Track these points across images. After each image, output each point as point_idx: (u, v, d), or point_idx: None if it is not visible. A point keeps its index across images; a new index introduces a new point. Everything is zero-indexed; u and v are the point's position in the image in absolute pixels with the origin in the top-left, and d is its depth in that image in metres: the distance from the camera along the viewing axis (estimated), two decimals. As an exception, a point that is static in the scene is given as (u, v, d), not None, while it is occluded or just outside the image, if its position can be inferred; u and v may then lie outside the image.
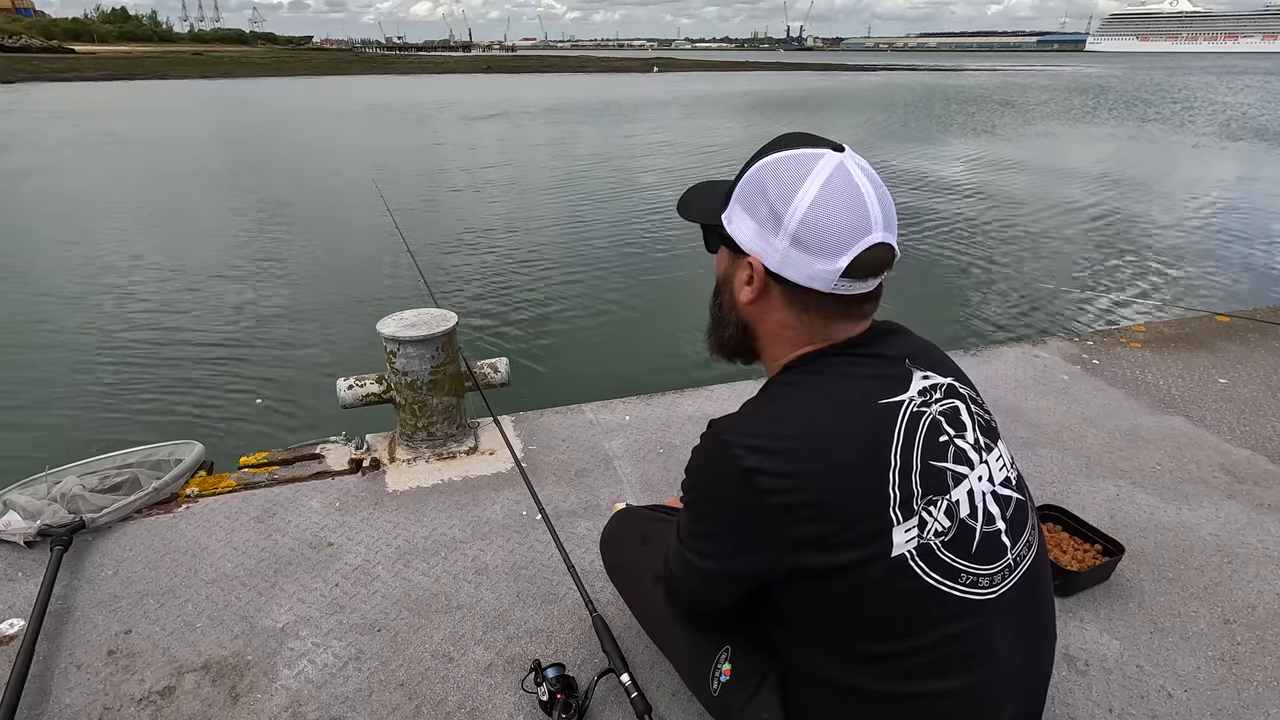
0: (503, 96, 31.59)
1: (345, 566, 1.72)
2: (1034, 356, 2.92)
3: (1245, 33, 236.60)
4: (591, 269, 6.76)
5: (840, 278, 0.86)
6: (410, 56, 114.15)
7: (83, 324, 5.34)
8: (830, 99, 30.78)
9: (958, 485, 0.88)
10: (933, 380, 0.93)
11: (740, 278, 0.95)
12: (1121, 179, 11.54)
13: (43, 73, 45.71)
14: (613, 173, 12.24)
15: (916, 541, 0.84)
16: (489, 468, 2.12)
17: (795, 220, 0.86)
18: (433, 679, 1.42)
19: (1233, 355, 2.94)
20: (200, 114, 24.83)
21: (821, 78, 50.89)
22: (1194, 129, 19.11)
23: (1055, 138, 17.35)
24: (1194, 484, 2.07)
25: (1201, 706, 1.37)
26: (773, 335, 0.97)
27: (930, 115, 22.86)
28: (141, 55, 79.11)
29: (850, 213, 0.85)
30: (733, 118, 22.46)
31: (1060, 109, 25.56)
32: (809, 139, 0.90)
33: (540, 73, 57.16)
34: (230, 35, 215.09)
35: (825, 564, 0.85)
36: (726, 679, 1.09)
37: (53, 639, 1.50)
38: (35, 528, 1.72)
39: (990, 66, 77.99)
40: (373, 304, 5.68)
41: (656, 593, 1.21)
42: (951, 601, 0.86)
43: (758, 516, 0.87)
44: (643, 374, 4.57)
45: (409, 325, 2.04)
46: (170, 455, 2.06)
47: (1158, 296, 6.10)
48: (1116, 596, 1.63)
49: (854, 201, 0.85)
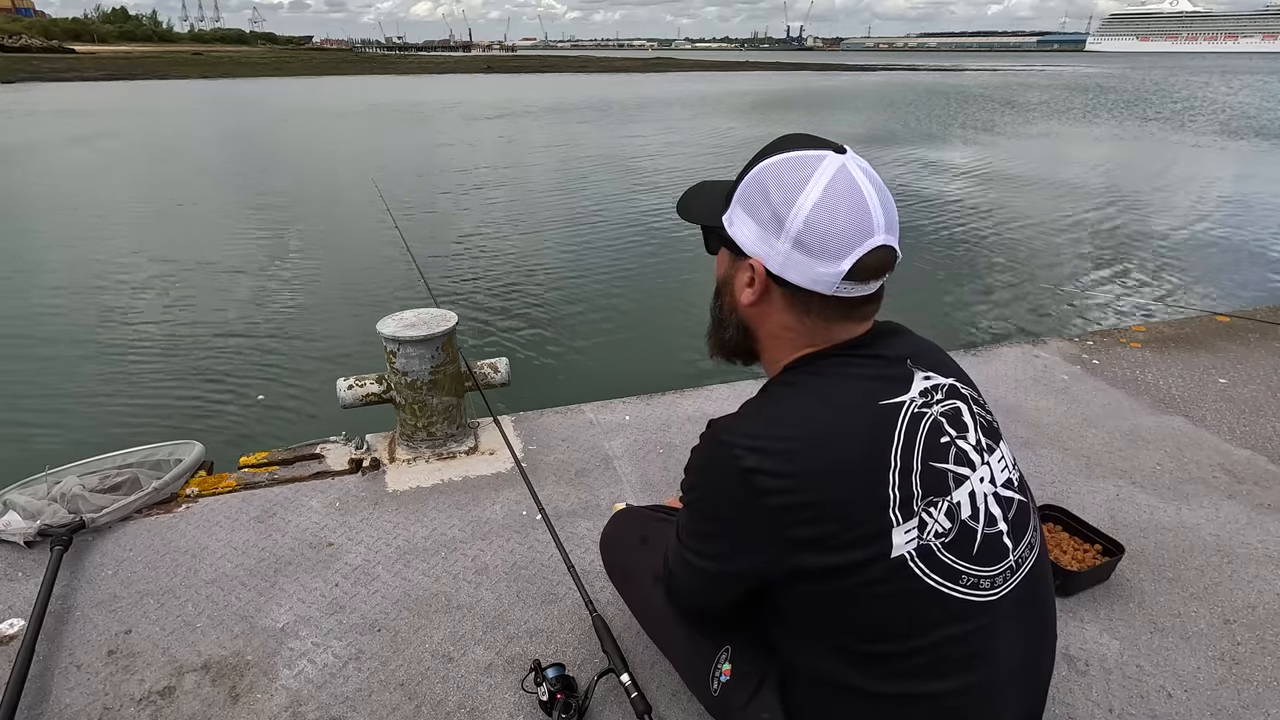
0: (503, 96, 31.59)
1: (345, 566, 1.72)
2: (1034, 356, 2.92)
3: (1245, 33, 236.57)
4: (592, 269, 6.76)
5: (842, 280, 0.86)
6: (410, 56, 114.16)
7: (82, 324, 5.34)
8: (831, 98, 30.77)
9: (959, 487, 0.88)
10: (934, 381, 0.93)
11: (741, 280, 0.95)
12: (1121, 178, 11.55)
13: (43, 73, 45.72)
14: (613, 172, 12.24)
15: (916, 542, 0.84)
16: (489, 468, 2.12)
17: (798, 223, 0.85)
18: (433, 679, 1.42)
19: (1233, 355, 2.94)
20: (199, 114, 24.83)
21: (822, 78, 50.89)
22: (1194, 128, 19.11)
23: (1055, 137, 17.35)
24: (1194, 484, 2.07)
25: (1201, 706, 1.37)
26: (773, 337, 0.96)
27: (931, 115, 22.86)
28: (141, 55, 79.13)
29: (853, 215, 0.85)
30: (734, 117, 22.45)
31: (1060, 109, 25.56)
32: (810, 140, 0.90)
33: (540, 73, 57.16)
34: (230, 35, 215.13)
35: (824, 565, 0.85)
36: (727, 679, 1.09)
37: (53, 639, 1.50)
38: (35, 528, 1.72)
39: (990, 66, 77.98)
40: (373, 304, 5.68)
41: (656, 593, 1.21)
42: (952, 603, 0.85)
43: (757, 517, 0.87)
44: (643, 374, 4.57)
45: (409, 325, 2.04)
46: (170, 455, 2.06)
47: (1158, 296, 6.10)
48: (1116, 596, 1.63)
49: (856, 204, 0.85)
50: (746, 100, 29.66)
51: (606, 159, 13.85)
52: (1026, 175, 11.87)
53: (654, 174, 12.05)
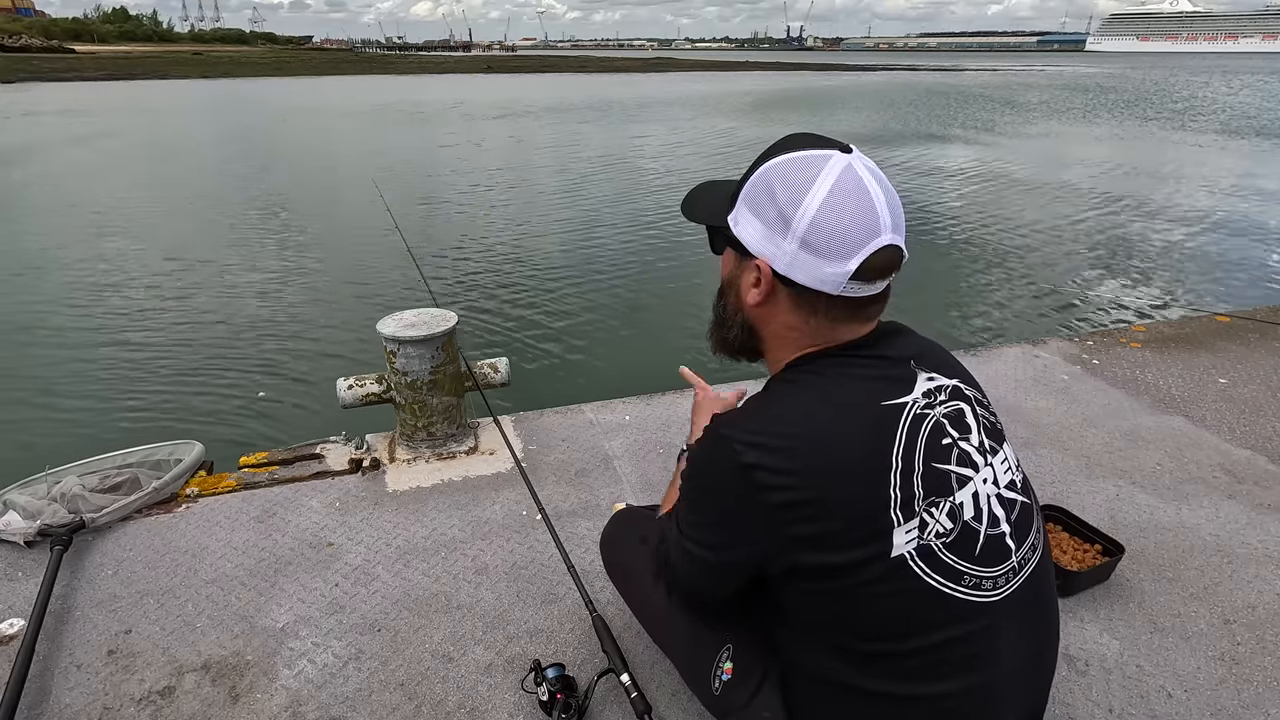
0: (503, 96, 31.59)
1: (345, 566, 1.72)
2: (1034, 356, 2.91)
3: (1245, 33, 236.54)
4: (592, 268, 6.76)
5: (849, 280, 0.86)
6: (410, 56, 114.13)
7: (83, 324, 5.35)
8: (832, 98, 30.76)
9: (962, 488, 0.88)
10: (938, 382, 0.93)
11: (747, 280, 0.95)
12: (1121, 178, 11.55)
13: (43, 73, 45.71)
14: (613, 172, 12.24)
15: (917, 543, 0.84)
16: (489, 468, 2.12)
17: (804, 223, 0.85)
18: (433, 679, 1.42)
19: (1233, 355, 2.94)
20: (199, 113, 24.82)
21: (822, 78, 50.89)
22: (1194, 128, 19.11)
23: (1055, 137, 17.34)
24: (1194, 484, 2.07)
25: (1201, 706, 1.37)
26: (778, 337, 0.97)
27: (931, 114, 22.86)
28: (141, 55, 79.09)
29: (859, 215, 0.84)
30: (735, 117, 22.44)
31: (1060, 109, 25.56)
32: (816, 140, 0.90)
33: (540, 72, 57.17)
34: (230, 35, 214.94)
35: (822, 563, 0.85)
36: (728, 678, 1.09)
37: (53, 639, 1.50)
38: (35, 528, 1.72)
39: (990, 66, 77.99)
40: (373, 304, 5.69)
41: (657, 592, 1.21)
42: (954, 603, 0.85)
43: (755, 512, 0.87)
44: (643, 374, 4.57)
45: (409, 325, 2.04)
46: (170, 455, 2.06)
47: (1158, 296, 6.10)
48: (1116, 596, 1.63)
49: (863, 203, 0.85)
50: (748, 100, 29.66)
51: (607, 159, 13.85)
52: (1026, 175, 11.87)
53: (654, 174, 12.05)
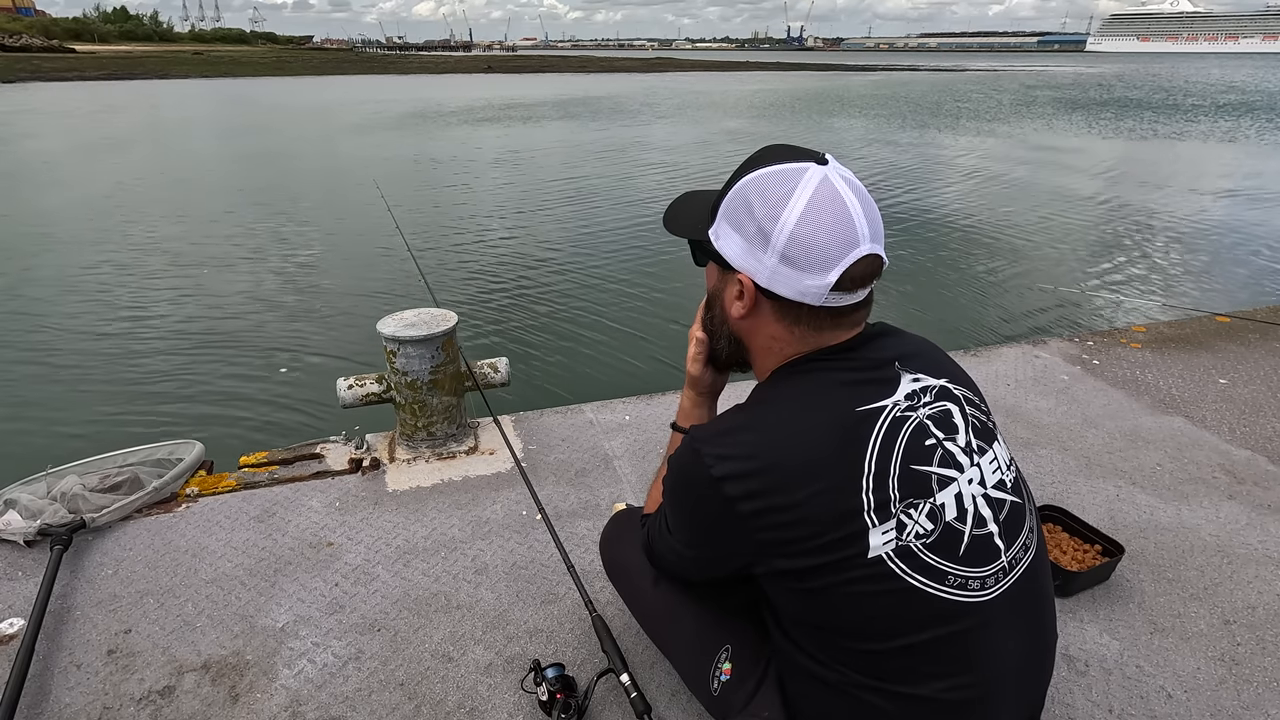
0: (504, 96, 31.58)
1: (345, 566, 1.72)
2: (1034, 356, 2.91)
3: (1245, 33, 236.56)
4: (592, 269, 6.76)
5: (830, 291, 0.87)
6: (410, 56, 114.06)
7: (83, 323, 5.34)
8: (832, 98, 30.75)
9: (944, 489, 0.88)
10: (923, 383, 0.93)
11: (730, 293, 0.96)
12: (1121, 178, 11.55)
13: (44, 72, 45.66)
14: (614, 173, 12.24)
15: (895, 543, 0.85)
16: (489, 468, 2.12)
17: (783, 238, 0.86)
18: (432, 679, 1.42)
19: (1233, 355, 2.94)
20: (199, 113, 24.81)
21: (823, 78, 50.90)
22: (1194, 128, 19.10)
23: (1055, 135, 17.34)
24: (1194, 484, 2.07)
25: (1201, 707, 1.37)
26: (764, 348, 0.98)
27: (931, 114, 22.85)
28: (142, 55, 79.05)
29: (837, 227, 0.85)
30: (736, 117, 22.44)
31: (1059, 108, 25.55)
32: (792, 151, 0.91)
33: (541, 72, 57.13)
34: (231, 35, 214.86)
35: (796, 566, 0.87)
36: (727, 678, 1.09)
37: (53, 638, 1.50)
38: (35, 527, 1.72)
39: (991, 67, 77.98)
40: (373, 304, 5.68)
41: (657, 592, 1.21)
42: (939, 602, 0.86)
43: (728, 521, 0.89)
44: (643, 374, 4.57)
45: (409, 325, 2.04)
46: (170, 455, 2.06)
47: (1158, 296, 6.10)
48: (1116, 597, 1.63)
49: (840, 215, 0.86)
50: (748, 100, 29.66)
51: (607, 159, 13.85)
52: (1026, 175, 11.87)
53: (655, 174, 12.05)
